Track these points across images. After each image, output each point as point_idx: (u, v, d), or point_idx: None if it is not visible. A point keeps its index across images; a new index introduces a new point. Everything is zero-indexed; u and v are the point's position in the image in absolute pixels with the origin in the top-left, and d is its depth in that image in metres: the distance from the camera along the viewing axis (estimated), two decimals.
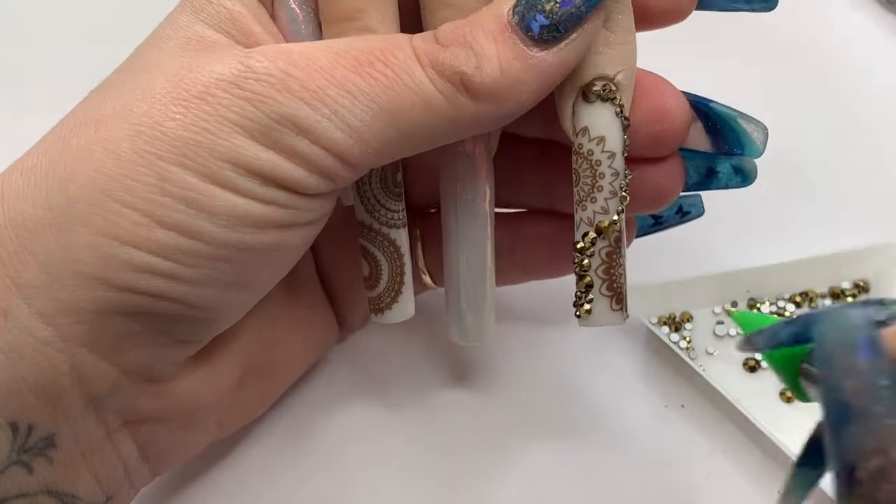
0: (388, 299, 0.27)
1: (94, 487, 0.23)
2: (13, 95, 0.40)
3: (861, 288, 0.34)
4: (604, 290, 0.24)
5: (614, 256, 0.24)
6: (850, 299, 0.34)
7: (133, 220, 0.21)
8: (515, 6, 0.22)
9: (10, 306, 0.20)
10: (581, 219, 0.24)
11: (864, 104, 0.39)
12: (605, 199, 0.24)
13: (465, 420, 0.32)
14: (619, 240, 0.24)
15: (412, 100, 0.22)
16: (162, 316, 0.22)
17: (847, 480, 0.16)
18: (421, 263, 0.30)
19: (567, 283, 0.29)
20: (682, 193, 0.27)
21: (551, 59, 0.22)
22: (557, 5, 0.22)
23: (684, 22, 0.26)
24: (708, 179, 0.27)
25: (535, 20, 0.22)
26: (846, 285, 0.34)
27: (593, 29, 0.22)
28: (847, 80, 0.40)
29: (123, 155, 0.21)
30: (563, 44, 0.22)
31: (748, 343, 0.20)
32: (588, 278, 0.24)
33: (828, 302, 0.34)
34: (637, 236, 0.30)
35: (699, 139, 0.26)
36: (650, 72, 0.25)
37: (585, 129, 0.24)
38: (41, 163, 0.21)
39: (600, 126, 0.24)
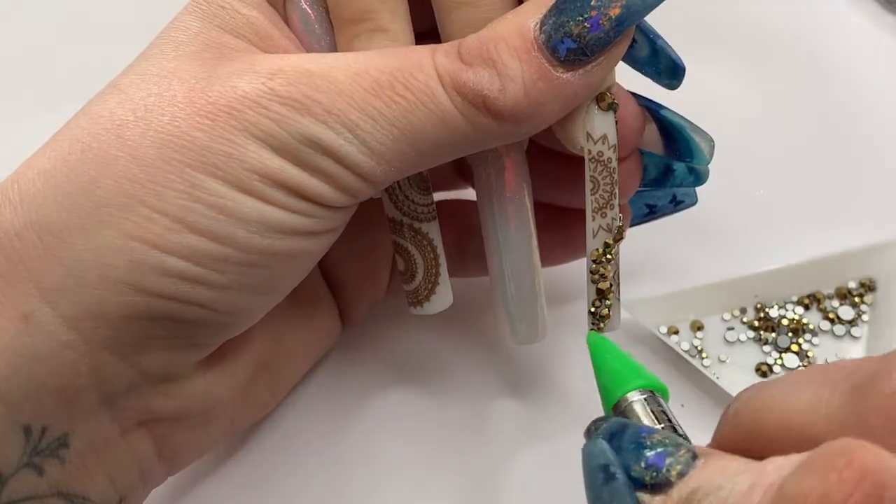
0: (426, 291, 0.27)
1: (108, 488, 0.23)
2: (14, 95, 0.40)
3: (867, 287, 0.34)
4: (617, 294, 0.25)
5: (619, 260, 0.25)
6: (857, 299, 0.34)
7: (163, 225, 0.21)
8: (542, 24, 0.22)
9: (33, 310, 0.20)
10: (600, 226, 0.24)
11: (864, 104, 0.39)
12: (618, 206, 0.24)
13: (466, 417, 0.32)
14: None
15: (433, 122, 0.22)
16: (185, 320, 0.22)
17: None
18: None
19: (565, 283, 0.29)
20: (641, 190, 0.28)
21: (577, 82, 0.22)
22: (586, 29, 0.21)
23: (684, 22, 0.26)
24: (665, 177, 0.28)
25: (563, 42, 0.21)
26: (853, 285, 0.34)
27: (619, 52, 0.22)
28: (847, 80, 0.40)
29: (150, 162, 0.21)
30: (589, 66, 0.22)
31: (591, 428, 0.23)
32: (605, 284, 0.25)
33: (835, 303, 0.34)
34: (631, 225, 0.30)
35: (654, 141, 0.27)
36: None
37: (605, 138, 0.24)
38: (60, 166, 0.21)
39: (614, 133, 0.24)
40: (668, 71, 0.25)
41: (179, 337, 0.22)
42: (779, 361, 0.32)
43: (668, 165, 0.28)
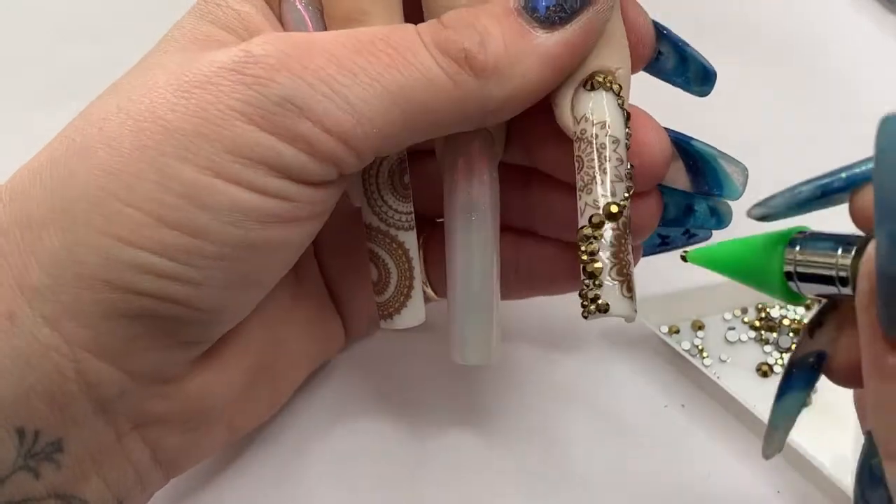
0: (397, 304, 0.26)
1: (104, 491, 0.23)
2: (14, 95, 0.40)
3: None
4: (613, 275, 0.23)
5: (623, 241, 0.23)
6: None
7: (136, 220, 0.20)
8: None
9: (16, 309, 0.20)
10: (586, 203, 0.23)
11: (864, 104, 0.39)
12: (612, 182, 0.23)
13: (467, 420, 0.32)
14: (626, 224, 0.23)
15: (415, 77, 0.21)
16: (165, 318, 0.21)
17: None
18: (423, 273, 0.29)
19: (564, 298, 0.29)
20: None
21: (556, 39, 0.22)
22: None
23: (683, 23, 0.26)
24: (685, 216, 0.27)
25: (542, 1, 0.22)
26: None
27: (601, 14, 0.22)
28: (848, 79, 0.40)
29: (125, 152, 0.20)
30: (569, 25, 0.22)
31: (762, 206, 0.20)
32: (597, 264, 0.23)
33: None
34: (643, 255, 0.30)
35: (679, 177, 0.26)
36: (632, 105, 0.24)
37: (586, 116, 0.23)
38: (46, 163, 0.21)
39: (602, 111, 0.23)
40: (699, 77, 0.25)
41: (164, 336, 0.22)
42: (780, 362, 0.32)
43: (689, 205, 0.27)
